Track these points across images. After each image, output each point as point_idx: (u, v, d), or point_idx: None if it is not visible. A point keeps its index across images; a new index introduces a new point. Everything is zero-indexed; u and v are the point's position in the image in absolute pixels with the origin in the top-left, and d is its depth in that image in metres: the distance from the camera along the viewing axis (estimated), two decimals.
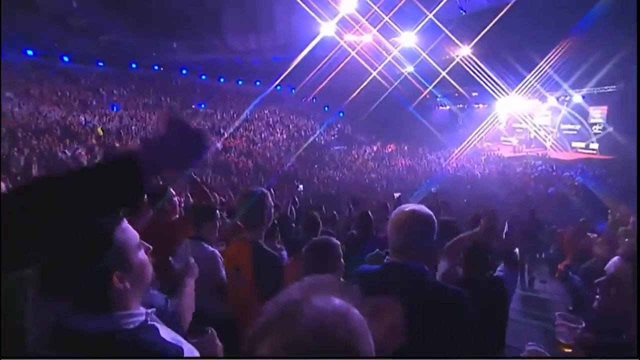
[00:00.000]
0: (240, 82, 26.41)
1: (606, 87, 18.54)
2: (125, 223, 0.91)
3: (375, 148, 23.64)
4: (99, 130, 15.97)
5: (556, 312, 1.38)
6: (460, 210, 8.25)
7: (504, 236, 6.17)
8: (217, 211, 2.68)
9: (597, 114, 19.83)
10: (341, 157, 21.65)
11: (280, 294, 0.61)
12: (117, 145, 14.57)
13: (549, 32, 15.28)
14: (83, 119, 16.75)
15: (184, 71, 24.87)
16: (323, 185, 15.49)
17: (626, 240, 4.03)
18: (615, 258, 1.38)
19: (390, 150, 23.74)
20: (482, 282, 2.58)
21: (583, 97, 19.90)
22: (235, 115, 22.47)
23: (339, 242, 2.02)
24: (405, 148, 23.84)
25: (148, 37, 19.30)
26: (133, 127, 17.30)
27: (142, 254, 0.94)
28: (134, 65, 23.06)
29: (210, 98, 23.83)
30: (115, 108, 19.29)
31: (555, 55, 17.01)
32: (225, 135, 19.79)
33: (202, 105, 22.94)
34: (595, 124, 19.99)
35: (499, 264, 3.17)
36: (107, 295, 0.86)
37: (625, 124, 17.58)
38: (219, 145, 18.28)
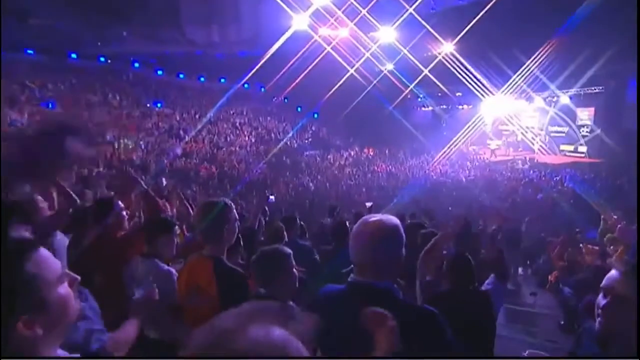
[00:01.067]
0: (202, 79, 26.05)
1: (593, 88, 19.59)
2: (42, 252, 0.81)
3: (352, 153, 23.88)
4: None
5: (527, 351, 1.40)
6: (445, 219, 8.43)
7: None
8: (175, 225, 2.62)
9: (585, 115, 20.91)
10: (316, 162, 21.72)
11: (213, 321, 0.59)
12: None
13: (536, 29, 16.04)
14: (8, 117, 15.93)
15: (136, 64, 24.13)
16: (296, 194, 15.47)
17: (611, 247, 4.20)
18: (615, 274, 1.33)
19: (369, 154, 24.05)
20: (466, 295, 2.63)
21: (570, 97, 20.95)
22: (196, 116, 22.14)
23: (290, 251, 2.04)
24: (386, 152, 24.23)
25: (92, 23, 18.43)
26: None
27: (63, 289, 0.83)
28: (73, 55, 21.76)
29: (167, 96, 23.35)
30: (50, 105, 18.45)
31: (543, 54, 17.85)
32: (186, 139, 19.48)
33: (158, 104, 22.45)
34: (582, 125, 21.06)
35: (487, 275, 3.25)
36: (10, 346, 0.74)
37: (613, 126, 18.65)
38: (179, 150, 17.96)
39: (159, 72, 24.71)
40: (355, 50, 20.34)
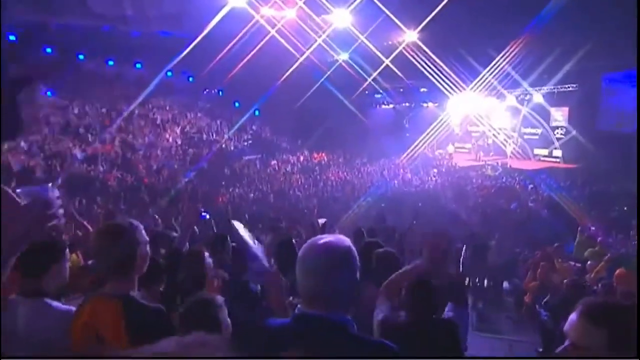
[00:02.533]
0: (110, 62, 24.88)
1: (567, 86, 21.22)
2: None
3: (301, 157, 24.05)
4: None
5: None
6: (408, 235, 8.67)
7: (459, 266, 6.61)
8: (66, 248, 2.44)
9: (559, 115, 22.61)
10: (257, 169, 21.62)
11: (153, 344, 0.66)
12: None
13: (508, 22, 17.09)
14: None
15: (12, 37, 21.96)
16: (233, 207, 15.27)
17: (589, 263, 4.51)
18: (573, 318, 1.34)
19: (320, 160, 24.30)
20: (428, 325, 2.73)
21: (543, 96, 22.57)
22: (104, 110, 21.30)
23: (222, 301, 2.17)
24: (340, 158, 24.60)
25: None
26: None
27: None
28: None
29: (61, 82, 21.98)
30: None
31: (515, 48, 19.04)
32: (89, 139, 18.62)
33: (48, 93, 21.03)
34: (557, 127, 22.73)
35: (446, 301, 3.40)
36: None
37: (588, 127, 20.25)
38: (78, 152, 17.10)
39: (48, 51, 22.88)
40: (304, 35, 20.53)
